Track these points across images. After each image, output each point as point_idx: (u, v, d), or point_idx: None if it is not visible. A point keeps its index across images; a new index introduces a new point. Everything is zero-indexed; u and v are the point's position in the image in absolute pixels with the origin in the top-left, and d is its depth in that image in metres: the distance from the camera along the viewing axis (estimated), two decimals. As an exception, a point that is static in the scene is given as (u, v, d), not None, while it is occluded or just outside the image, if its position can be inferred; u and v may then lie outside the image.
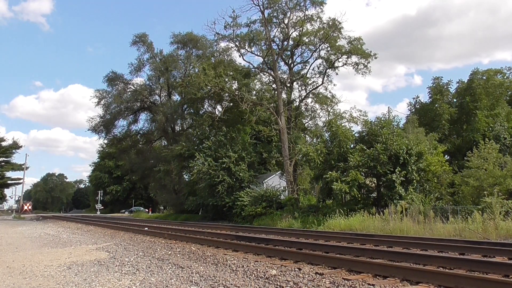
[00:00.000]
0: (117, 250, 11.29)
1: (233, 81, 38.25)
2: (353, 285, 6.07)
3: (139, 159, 54.22)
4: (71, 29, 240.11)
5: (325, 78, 35.76)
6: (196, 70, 44.13)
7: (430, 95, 36.22)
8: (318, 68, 36.45)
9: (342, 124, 27.82)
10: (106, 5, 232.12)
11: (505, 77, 38.26)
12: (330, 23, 33.06)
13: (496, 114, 32.89)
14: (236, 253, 10.43)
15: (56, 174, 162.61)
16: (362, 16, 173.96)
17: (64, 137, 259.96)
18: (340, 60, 34.14)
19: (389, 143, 21.84)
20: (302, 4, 33.80)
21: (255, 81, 38.52)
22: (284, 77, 37.05)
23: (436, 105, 33.96)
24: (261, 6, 33.26)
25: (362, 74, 33.81)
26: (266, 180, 34.56)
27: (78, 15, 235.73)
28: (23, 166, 68.65)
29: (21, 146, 70.98)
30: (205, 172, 32.76)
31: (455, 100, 35.69)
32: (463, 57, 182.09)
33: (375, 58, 33.28)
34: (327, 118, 35.19)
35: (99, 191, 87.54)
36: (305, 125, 38.97)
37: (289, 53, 36.44)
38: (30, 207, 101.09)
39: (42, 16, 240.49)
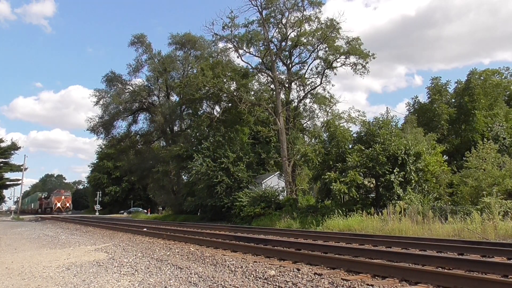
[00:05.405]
0: (116, 251, 11.27)
1: (231, 82, 38.29)
2: (352, 286, 6.06)
3: (138, 159, 54.16)
4: (72, 31, 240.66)
5: (323, 79, 35.85)
6: (194, 71, 44.27)
7: (428, 95, 36.24)
8: (316, 69, 36.55)
9: (341, 124, 27.84)
10: (107, 6, 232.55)
11: (502, 77, 38.34)
12: (328, 24, 33.11)
13: (494, 114, 32.91)
14: (235, 253, 10.43)
15: (55, 175, 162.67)
16: (361, 16, 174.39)
17: (64, 138, 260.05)
18: (338, 60, 34.20)
19: (387, 143, 21.85)
20: (300, 4, 33.91)
21: (253, 82, 38.57)
22: (282, 77, 37.10)
23: (435, 105, 33.92)
24: (259, 7, 33.35)
25: (361, 74, 33.87)
26: (264, 180, 34.55)
27: (80, 16, 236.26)
28: (21, 167, 68.42)
29: (19, 147, 70.73)
30: (204, 173, 32.73)
31: (453, 100, 35.68)
32: (464, 58, 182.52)
33: (374, 58, 33.31)
34: (326, 119, 35.24)
35: (98, 192, 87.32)
36: (304, 125, 38.98)
37: (287, 53, 36.49)
38: (68, 204, 67.84)
39: (44, 19, 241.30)
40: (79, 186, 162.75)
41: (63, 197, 65.73)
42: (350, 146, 24.45)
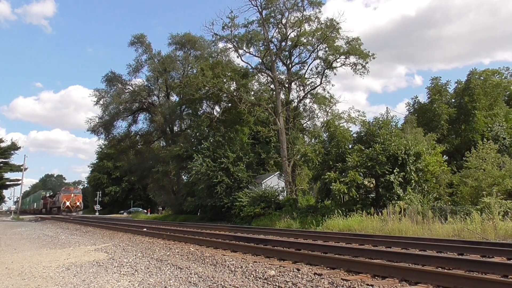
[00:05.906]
0: (115, 251, 11.26)
1: (231, 82, 38.29)
2: (352, 286, 6.06)
3: (138, 160, 54.14)
4: (72, 31, 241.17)
5: (323, 79, 35.80)
6: (194, 71, 44.26)
7: (428, 95, 36.24)
8: (316, 69, 36.52)
9: (341, 125, 27.84)
10: (107, 6, 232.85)
11: (502, 77, 38.33)
12: (328, 24, 33.08)
13: (494, 114, 32.91)
14: (234, 253, 10.42)
15: (55, 175, 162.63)
16: (361, 16, 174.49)
17: (64, 138, 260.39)
18: (338, 60, 34.16)
19: (387, 143, 21.86)
20: (300, 4, 33.89)
21: (253, 82, 38.55)
22: (282, 77, 37.09)
23: (435, 105, 33.92)
24: (259, 7, 33.32)
25: (361, 74, 33.81)
26: (264, 180, 34.54)
27: (80, 16, 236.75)
28: (21, 167, 68.31)
29: (19, 147, 70.43)
30: (204, 173, 32.72)
31: (453, 100, 35.68)
32: (464, 58, 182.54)
33: (373, 58, 33.25)
34: (325, 119, 35.23)
35: (98, 192, 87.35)
36: (304, 125, 38.97)
37: (287, 53, 36.46)
38: (79, 203, 58.57)
39: (44, 19, 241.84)
40: (79, 186, 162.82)
41: (72, 195, 58.23)
42: (350, 146, 24.45)
